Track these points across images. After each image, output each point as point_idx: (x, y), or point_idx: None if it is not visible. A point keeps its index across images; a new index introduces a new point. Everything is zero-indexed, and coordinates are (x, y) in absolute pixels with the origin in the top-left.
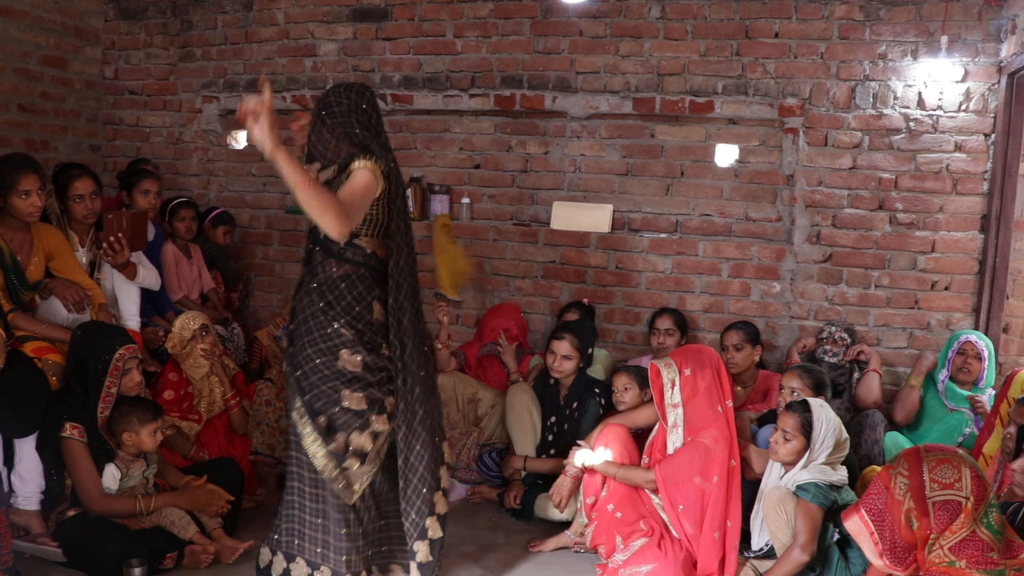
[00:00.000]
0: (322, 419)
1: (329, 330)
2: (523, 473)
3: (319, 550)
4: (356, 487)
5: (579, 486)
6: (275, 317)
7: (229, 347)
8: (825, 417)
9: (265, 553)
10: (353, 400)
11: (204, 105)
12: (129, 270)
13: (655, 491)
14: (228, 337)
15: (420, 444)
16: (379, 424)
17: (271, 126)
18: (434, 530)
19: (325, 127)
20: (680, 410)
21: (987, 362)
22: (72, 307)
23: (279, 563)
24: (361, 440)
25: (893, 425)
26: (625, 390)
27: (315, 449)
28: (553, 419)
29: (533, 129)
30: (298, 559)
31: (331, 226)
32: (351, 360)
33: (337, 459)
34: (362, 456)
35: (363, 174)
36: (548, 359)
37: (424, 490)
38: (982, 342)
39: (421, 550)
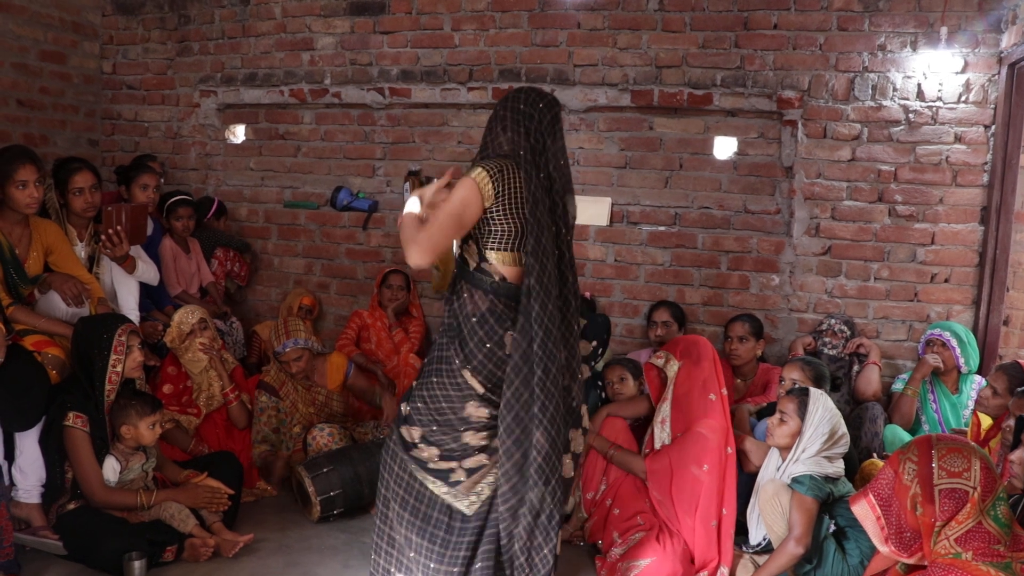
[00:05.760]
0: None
1: (459, 379)
2: None
3: None
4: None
5: (578, 480)
6: (276, 315)
7: (228, 341)
8: (822, 404)
9: None
10: (475, 439)
11: (202, 99)
12: (128, 263)
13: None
14: (227, 331)
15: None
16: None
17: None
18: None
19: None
20: (667, 405)
21: (959, 348)
22: (71, 301)
23: None
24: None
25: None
26: (621, 381)
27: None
28: None
29: None
30: None
31: (409, 257)
32: (478, 412)
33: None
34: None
35: (458, 189)
36: None
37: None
38: (947, 332)
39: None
